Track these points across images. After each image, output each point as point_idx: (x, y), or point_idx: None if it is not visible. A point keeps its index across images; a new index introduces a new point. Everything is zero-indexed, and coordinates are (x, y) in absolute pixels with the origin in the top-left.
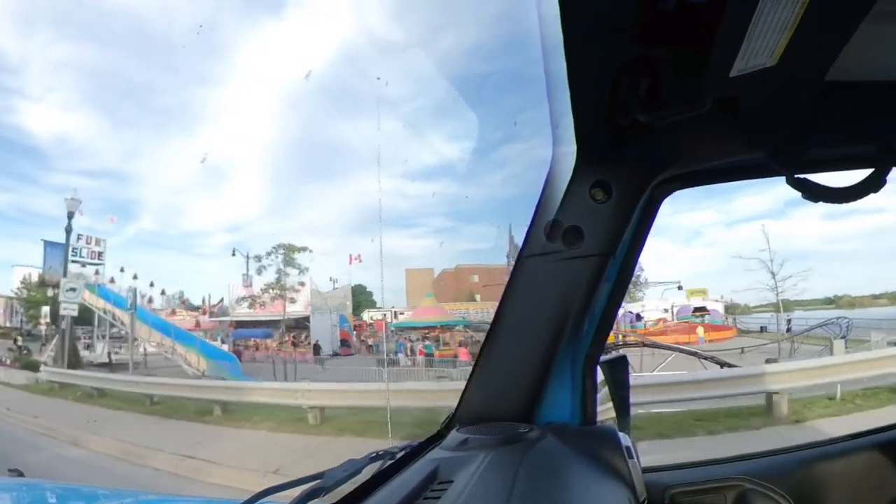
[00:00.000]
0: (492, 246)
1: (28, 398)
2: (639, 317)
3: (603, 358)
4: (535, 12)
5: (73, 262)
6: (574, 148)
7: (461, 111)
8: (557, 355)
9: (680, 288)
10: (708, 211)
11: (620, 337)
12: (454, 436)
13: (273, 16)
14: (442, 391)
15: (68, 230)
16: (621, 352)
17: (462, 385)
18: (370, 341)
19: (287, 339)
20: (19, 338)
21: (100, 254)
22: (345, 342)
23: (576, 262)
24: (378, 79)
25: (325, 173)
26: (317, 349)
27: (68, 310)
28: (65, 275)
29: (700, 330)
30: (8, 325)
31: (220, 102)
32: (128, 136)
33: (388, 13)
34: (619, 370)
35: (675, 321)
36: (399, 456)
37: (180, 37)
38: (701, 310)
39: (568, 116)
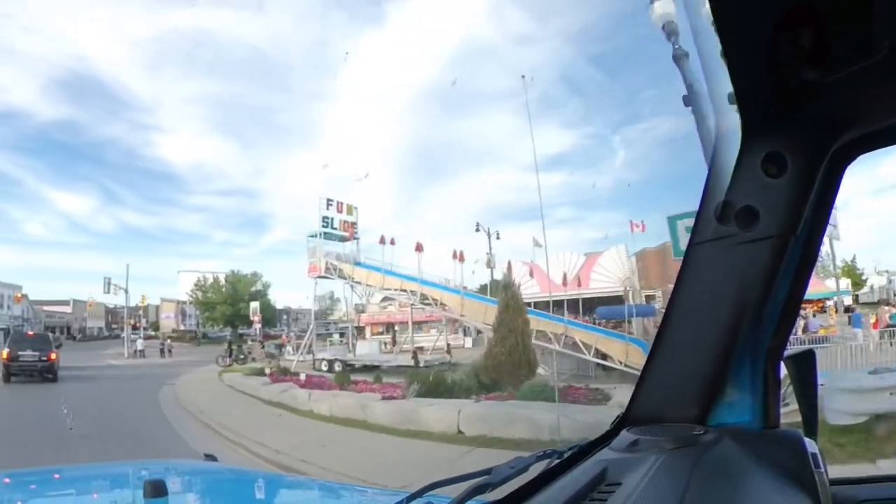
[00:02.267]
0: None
1: None
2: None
3: (787, 352)
4: None
5: (326, 233)
6: (738, 120)
7: (602, 93)
8: (735, 350)
9: None
10: (850, 178)
11: None
12: (624, 436)
13: (377, 27)
14: None
15: None
16: None
17: None
18: None
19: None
20: (228, 340)
21: (353, 224)
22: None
23: (752, 246)
24: (523, 77)
25: (446, 174)
26: None
27: None
28: None
29: None
30: (182, 328)
31: (337, 115)
32: (254, 156)
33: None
34: (806, 366)
35: None
36: (567, 455)
37: (294, 59)
38: None
39: (726, 85)
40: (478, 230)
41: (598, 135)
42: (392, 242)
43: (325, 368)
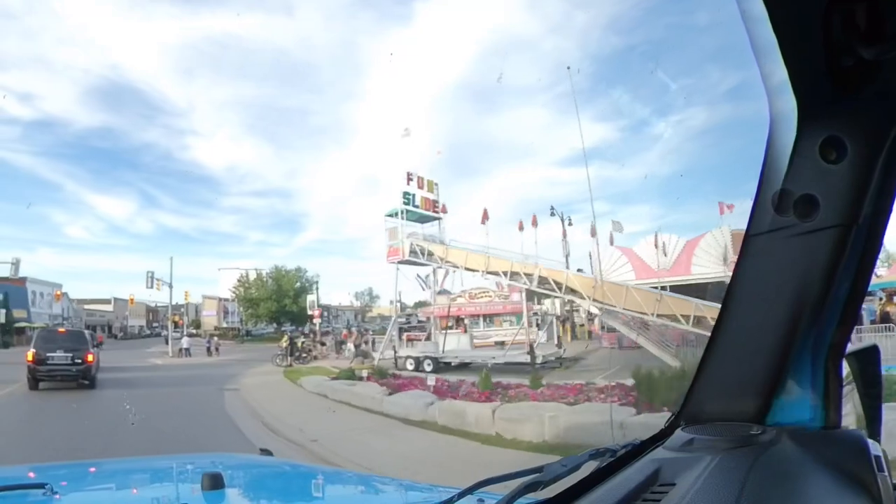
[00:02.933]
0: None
1: None
2: None
3: (850, 349)
4: None
5: (409, 209)
6: (794, 103)
7: (638, 84)
8: (795, 346)
9: None
10: None
11: None
12: (679, 435)
13: (405, 26)
14: None
15: None
16: None
17: None
18: None
19: None
20: (287, 337)
21: (435, 202)
22: None
23: (812, 237)
24: (568, 68)
25: (478, 170)
26: None
27: None
28: None
29: None
30: (224, 325)
31: (368, 114)
32: (289, 157)
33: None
34: (869, 363)
35: None
36: (620, 454)
37: (323, 60)
38: None
39: (779, 66)
40: (552, 214)
41: (631, 127)
42: (485, 220)
43: (410, 367)
